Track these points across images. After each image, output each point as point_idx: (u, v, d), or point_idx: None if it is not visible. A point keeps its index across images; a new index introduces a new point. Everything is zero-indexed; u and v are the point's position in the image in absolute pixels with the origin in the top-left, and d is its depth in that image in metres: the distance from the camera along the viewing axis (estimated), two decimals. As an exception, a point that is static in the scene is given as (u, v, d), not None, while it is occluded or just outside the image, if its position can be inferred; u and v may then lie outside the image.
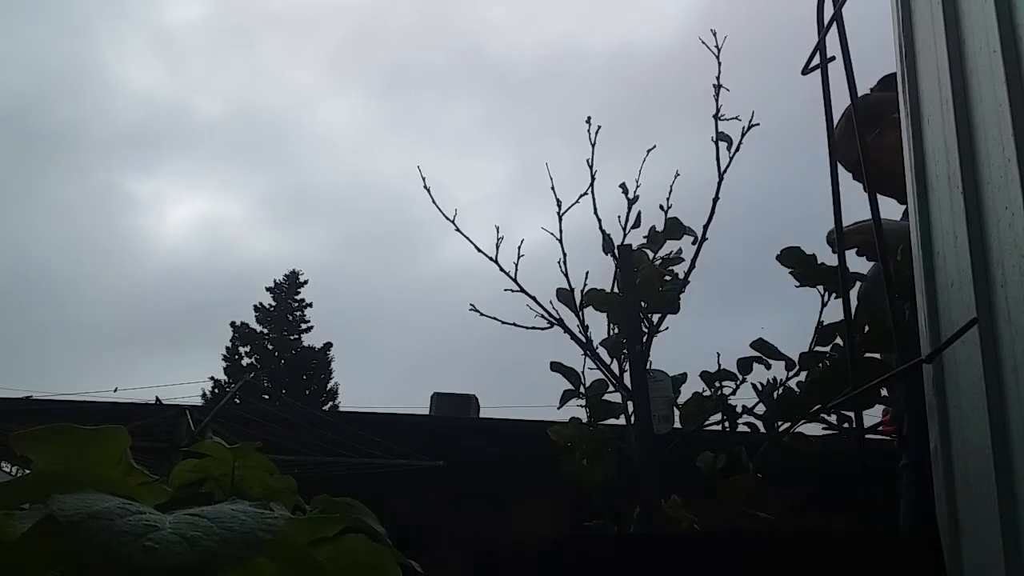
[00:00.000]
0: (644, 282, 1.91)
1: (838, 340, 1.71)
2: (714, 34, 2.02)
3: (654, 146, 2.05)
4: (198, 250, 45.18)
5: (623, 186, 2.02)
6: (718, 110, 1.97)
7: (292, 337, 30.02)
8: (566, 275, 2.01)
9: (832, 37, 1.29)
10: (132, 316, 41.56)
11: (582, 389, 1.96)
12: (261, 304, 30.27)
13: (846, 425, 1.69)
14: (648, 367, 1.86)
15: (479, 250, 2.07)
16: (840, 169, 1.32)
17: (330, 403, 28.06)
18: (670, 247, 1.98)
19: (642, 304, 1.91)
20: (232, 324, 29.77)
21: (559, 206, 2.08)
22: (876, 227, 1.23)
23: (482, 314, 2.12)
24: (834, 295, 1.71)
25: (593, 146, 2.07)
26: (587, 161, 2.07)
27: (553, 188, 2.09)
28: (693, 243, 1.94)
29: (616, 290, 1.95)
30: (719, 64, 2.00)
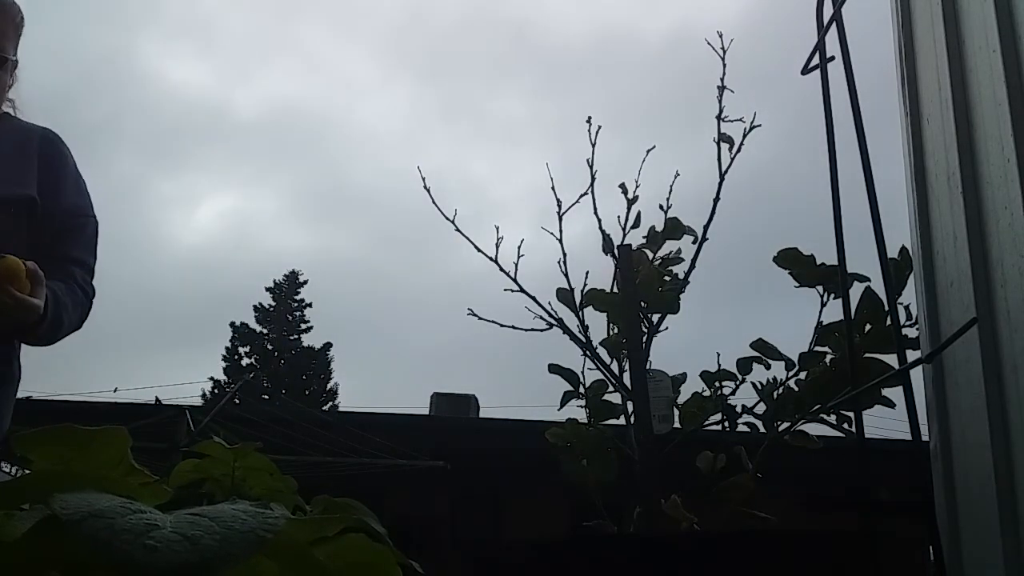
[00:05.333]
0: (644, 282, 1.91)
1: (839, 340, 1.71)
2: (720, 36, 2.03)
3: (654, 146, 2.06)
4: (209, 249, 45.05)
5: (622, 186, 2.02)
6: (721, 111, 1.98)
7: (292, 337, 30.02)
8: (566, 275, 2.01)
9: (832, 37, 1.29)
10: (136, 315, 41.55)
11: (582, 389, 1.96)
12: (261, 304, 30.27)
13: (846, 425, 1.69)
14: (648, 367, 1.86)
15: (479, 250, 2.07)
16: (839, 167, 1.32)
17: (330, 403, 28.06)
18: (670, 247, 1.98)
19: (642, 304, 1.91)
20: (232, 324, 29.77)
21: (559, 206, 2.09)
22: (876, 228, 1.22)
23: (480, 318, 2.12)
24: (833, 295, 1.71)
25: (593, 146, 2.07)
26: (587, 161, 2.07)
27: (553, 188, 2.10)
28: (693, 243, 1.94)
29: (616, 290, 1.96)
30: (724, 66, 2.01)
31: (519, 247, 2.06)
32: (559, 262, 2.01)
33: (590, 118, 2.09)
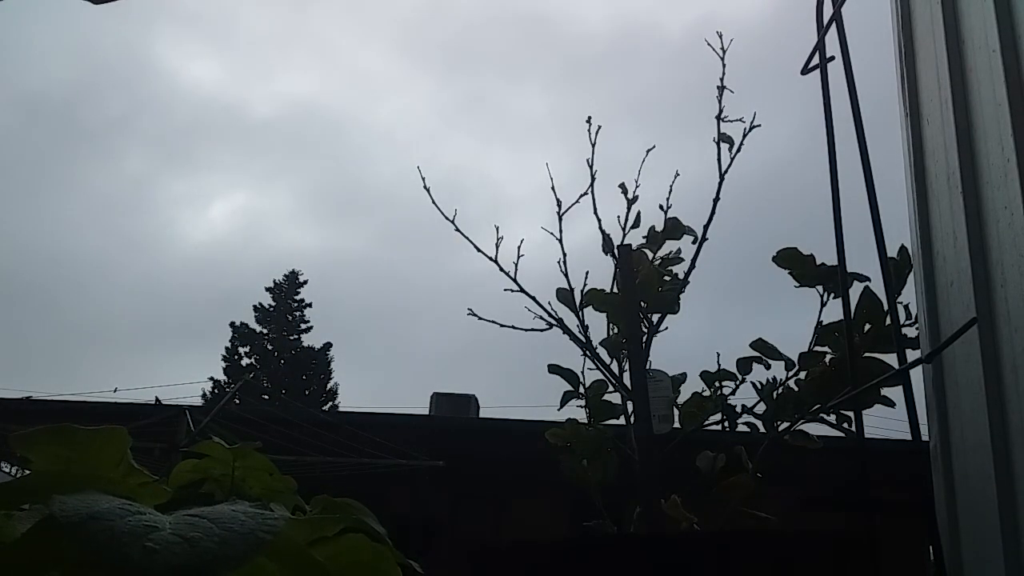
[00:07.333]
0: (644, 282, 1.91)
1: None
2: (720, 36, 2.03)
3: (653, 146, 2.06)
4: (212, 249, 44.92)
5: (622, 186, 2.02)
6: (721, 111, 1.98)
7: (292, 337, 30.02)
8: (566, 275, 2.01)
9: (832, 37, 1.29)
10: (137, 315, 41.51)
11: (582, 389, 1.96)
12: (261, 304, 30.28)
13: (846, 425, 1.69)
14: (648, 367, 1.86)
15: (478, 250, 2.07)
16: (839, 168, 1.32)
17: (330, 403, 28.08)
18: (670, 247, 1.98)
19: (642, 304, 1.91)
20: (232, 324, 29.78)
21: (559, 206, 2.09)
22: (876, 228, 1.22)
23: (480, 318, 2.12)
24: (833, 295, 1.71)
25: (593, 146, 2.07)
26: (587, 161, 2.07)
27: (553, 188, 2.09)
28: (693, 243, 1.94)
29: (616, 290, 1.95)
30: (723, 66, 2.01)
31: (519, 247, 2.06)
32: (559, 262, 2.01)
33: (590, 118, 2.10)
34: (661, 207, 1.99)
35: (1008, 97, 1.04)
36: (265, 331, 29.90)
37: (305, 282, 30.93)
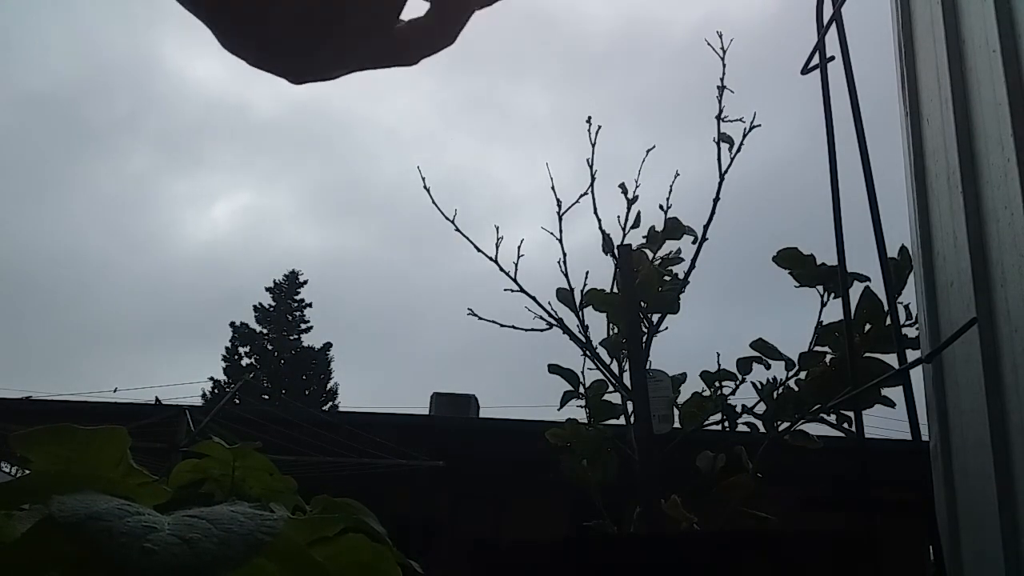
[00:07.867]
0: (644, 282, 1.91)
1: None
2: (720, 36, 2.03)
3: (653, 146, 2.06)
4: (212, 250, 44.83)
5: (622, 186, 2.02)
6: (721, 111, 1.98)
7: (292, 337, 30.01)
8: (566, 275, 2.01)
9: (832, 37, 1.29)
10: (137, 315, 41.47)
11: (582, 389, 1.96)
12: (261, 304, 30.27)
13: (846, 425, 1.69)
14: (648, 367, 1.86)
15: (478, 250, 2.07)
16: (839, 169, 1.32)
17: (330, 403, 28.07)
18: (670, 247, 1.98)
19: (642, 304, 1.91)
20: (232, 324, 29.77)
21: (559, 206, 2.09)
22: (876, 228, 1.22)
23: (480, 318, 2.12)
24: (833, 295, 1.71)
25: (593, 146, 2.07)
26: (587, 161, 2.07)
27: (553, 188, 2.09)
28: (693, 243, 1.94)
29: (616, 290, 1.95)
30: (724, 66, 2.01)
31: (519, 247, 2.06)
32: (559, 262, 2.01)
33: (590, 118, 2.10)
34: (661, 207, 1.99)
35: (1008, 97, 1.04)
36: (265, 331, 29.88)
37: (305, 282, 30.91)
